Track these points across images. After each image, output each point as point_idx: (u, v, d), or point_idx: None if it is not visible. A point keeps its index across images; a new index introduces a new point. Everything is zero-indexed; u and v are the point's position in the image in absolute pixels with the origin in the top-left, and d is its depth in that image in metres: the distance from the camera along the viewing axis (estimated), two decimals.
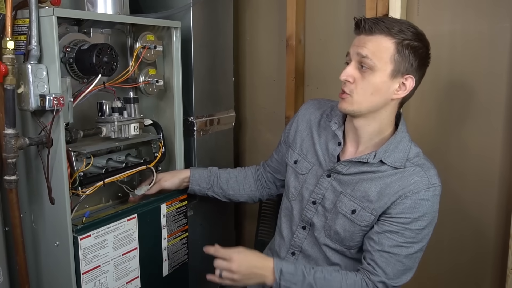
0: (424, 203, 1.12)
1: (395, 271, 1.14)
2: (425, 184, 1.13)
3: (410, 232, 1.12)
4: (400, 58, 1.11)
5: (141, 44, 1.38)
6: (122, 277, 1.33)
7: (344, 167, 1.20)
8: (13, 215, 1.18)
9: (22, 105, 1.13)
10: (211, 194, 1.49)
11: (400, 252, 1.13)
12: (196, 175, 1.46)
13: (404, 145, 1.18)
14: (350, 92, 1.14)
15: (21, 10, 1.14)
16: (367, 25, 1.11)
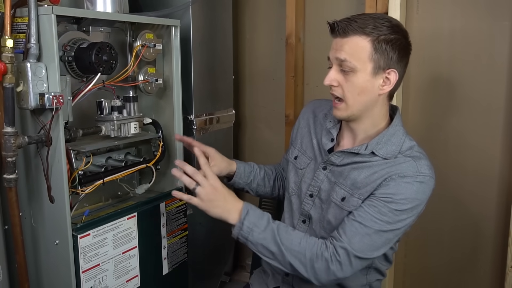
0: (408, 187, 1.11)
1: (361, 244, 1.11)
2: (413, 171, 1.12)
3: (388, 210, 1.10)
4: (378, 55, 1.11)
5: (140, 43, 1.38)
6: (122, 276, 1.33)
7: (338, 158, 1.22)
8: (12, 213, 1.18)
9: (21, 103, 1.13)
10: (247, 189, 1.49)
11: (371, 226, 1.10)
12: (241, 169, 1.45)
13: (398, 139, 1.18)
14: (341, 96, 1.16)
15: (20, 8, 1.14)
16: (340, 28, 1.12)
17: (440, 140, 1.66)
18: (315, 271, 1.10)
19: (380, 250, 1.13)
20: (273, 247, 1.12)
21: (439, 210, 1.70)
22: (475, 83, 1.57)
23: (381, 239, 1.12)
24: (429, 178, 1.13)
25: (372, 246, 1.12)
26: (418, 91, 1.68)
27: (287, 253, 1.11)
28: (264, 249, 1.13)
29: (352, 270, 1.12)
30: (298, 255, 1.11)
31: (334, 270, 1.10)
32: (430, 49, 1.63)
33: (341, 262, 1.10)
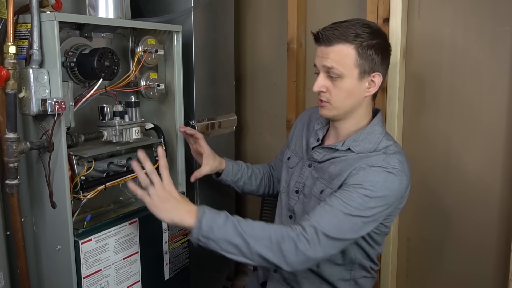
0: (376, 174, 1.13)
1: (329, 224, 1.10)
2: (382, 161, 1.15)
3: (357, 195, 1.11)
4: (363, 60, 1.17)
5: (142, 48, 1.38)
6: (123, 281, 1.33)
7: (319, 154, 1.28)
8: (14, 219, 1.18)
9: (23, 109, 1.13)
10: (233, 186, 1.54)
11: (340, 209, 1.10)
12: (230, 167, 1.51)
13: (375, 137, 1.23)
14: (328, 100, 1.22)
15: (22, 15, 1.15)
16: (324, 37, 1.18)
17: (441, 145, 1.66)
18: (283, 254, 1.08)
19: (347, 234, 1.12)
20: (237, 240, 1.09)
21: (440, 215, 1.69)
22: (477, 89, 1.57)
23: (349, 223, 1.11)
24: (398, 170, 1.14)
25: (340, 229, 1.11)
26: (419, 96, 1.67)
27: (252, 242, 1.08)
28: (228, 244, 1.09)
29: (322, 250, 1.09)
30: (264, 240, 1.09)
31: (303, 249, 1.08)
32: (431, 54, 1.63)
33: (309, 240, 1.08)
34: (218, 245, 1.10)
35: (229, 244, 1.09)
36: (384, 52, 1.20)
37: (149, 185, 1.14)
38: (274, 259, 1.08)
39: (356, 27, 1.17)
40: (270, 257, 1.08)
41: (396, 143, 1.25)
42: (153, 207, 1.13)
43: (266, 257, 1.08)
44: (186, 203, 1.15)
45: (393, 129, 1.66)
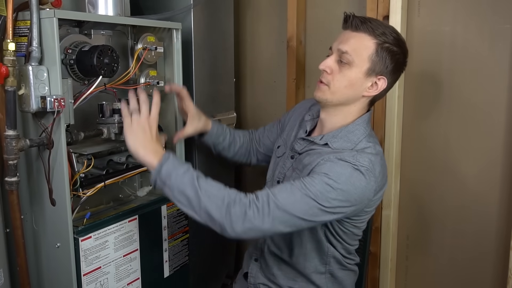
0: (343, 168, 1.12)
1: (285, 197, 1.09)
2: (352, 159, 1.13)
3: (319, 181, 1.10)
4: (378, 59, 1.18)
5: (142, 46, 1.38)
6: (123, 279, 1.33)
7: (300, 146, 1.29)
8: (14, 216, 1.18)
9: (23, 106, 1.13)
10: (211, 147, 1.56)
11: (299, 188, 1.09)
12: (214, 130, 1.53)
13: (355, 137, 1.22)
14: (327, 83, 1.21)
15: (22, 12, 1.15)
16: (354, 22, 1.18)
17: (440, 143, 1.66)
18: (230, 217, 1.07)
19: (299, 213, 1.09)
20: (190, 192, 1.10)
21: (441, 213, 1.69)
22: (476, 86, 1.57)
23: (305, 205, 1.09)
24: (366, 169, 1.13)
25: (293, 204, 1.09)
26: (419, 94, 1.67)
27: (204, 198, 1.09)
28: (180, 194, 1.11)
29: (270, 221, 1.07)
30: (216, 199, 1.09)
31: (251, 216, 1.07)
32: (431, 51, 1.63)
33: (259, 208, 1.08)
34: (172, 192, 1.12)
35: (182, 194, 1.11)
36: (398, 64, 1.20)
37: (136, 110, 1.17)
38: (220, 219, 1.08)
39: (385, 28, 1.18)
40: (217, 216, 1.08)
41: (378, 145, 1.23)
42: (129, 131, 1.16)
43: (213, 216, 1.09)
44: (157, 144, 1.17)
45: (393, 127, 1.66)
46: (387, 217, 1.73)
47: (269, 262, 1.35)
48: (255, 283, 1.38)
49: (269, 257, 1.35)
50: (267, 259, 1.35)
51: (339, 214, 1.14)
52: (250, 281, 1.40)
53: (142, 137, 1.16)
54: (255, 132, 1.61)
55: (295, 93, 1.91)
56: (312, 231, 1.26)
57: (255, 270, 1.39)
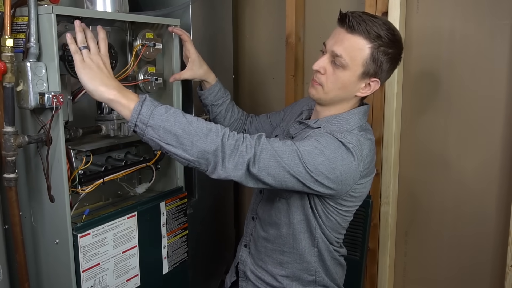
0: (332, 141, 1.13)
1: (274, 144, 1.09)
2: (339, 135, 1.15)
3: (309, 143, 1.12)
4: (372, 63, 1.17)
5: (140, 42, 1.37)
6: (122, 275, 1.33)
7: (294, 130, 1.31)
8: (12, 213, 1.18)
9: (21, 103, 1.12)
10: (209, 108, 1.53)
11: (290, 144, 1.10)
12: (216, 89, 1.50)
13: (348, 125, 1.23)
14: (321, 83, 1.22)
15: (20, 8, 1.14)
16: (350, 22, 1.15)
17: (439, 140, 1.66)
18: (224, 149, 1.04)
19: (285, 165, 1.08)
20: (178, 129, 1.02)
21: (439, 209, 1.70)
22: (475, 83, 1.57)
23: (291, 160, 1.09)
24: (353, 147, 1.14)
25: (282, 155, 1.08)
26: (417, 91, 1.68)
27: (196, 132, 1.03)
28: (167, 133, 1.02)
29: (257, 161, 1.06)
30: (209, 132, 1.04)
31: (243, 150, 1.05)
32: (430, 48, 1.63)
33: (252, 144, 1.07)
34: (157, 133, 1.02)
35: (169, 133, 1.02)
36: (394, 63, 1.20)
37: (86, 46, 1.08)
38: (215, 153, 1.03)
39: (381, 28, 1.15)
40: (211, 149, 1.03)
41: (370, 135, 1.24)
42: (82, 67, 1.06)
43: (207, 150, 1.03)
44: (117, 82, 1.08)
45: (391, 124, 1.67)
46: (385, 213, 1.74)
47: (259, 247, 1.35)
48: (244, 270, 1.39)
49: (258, 242, 1.35)
50: (257, 245, 1.36)
51: (322, 187, 1.13)
52: (240, 267, 1.40)
53: (99, 74, 1.05)
54: (254, 117, 1.61)
55: (294, 89, 1.91)
56: (301, 209, 1.25)
57: (244, 256, 1.40)
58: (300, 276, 1.31)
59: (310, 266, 1.30)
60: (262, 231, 1.34)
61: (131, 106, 1.03)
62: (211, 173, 1.07)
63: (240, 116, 1.58)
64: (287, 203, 1.27)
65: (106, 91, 1.04)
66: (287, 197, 1.26)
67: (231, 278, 1.46)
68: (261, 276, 1.35)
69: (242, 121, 1.58)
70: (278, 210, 1.29)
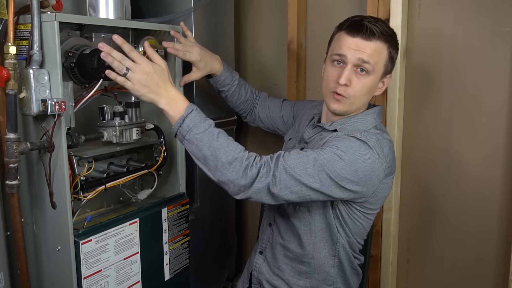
0: (352, 142, 1.15)
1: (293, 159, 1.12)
2: (359, 135, 1.17)
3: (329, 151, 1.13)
4: (389, 62, 1.23)
5: (142, 49, 1.38)
6: (124, 282, 1.33)
7: (308, 134, 1.31)
8: (14, 219, 1.18)
9: (23, 110, 1.13)
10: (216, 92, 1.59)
11: (310, 154, 1.13)
12: (222, 78, 1.53)
13: (363, 125, 1.24)
14: (347, 95, 1.21)
15: (23, 15, 1.15)
16: (368, 31, 1.17)
17: (441, 145, 1.66)
18: (246, 178, 1.09)
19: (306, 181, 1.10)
20: (207, 151, 1.11)
21: (442, 215, 1.69)
22: (477, 89, 1.57)
23: (312, 171, 1.10)
24: (374, 145, 1.16)
25: (302, 170, 1.10)
26: (419, 97, 1.67)
27: (221, 159, 1.10)
28: (198, 150, 1.13)
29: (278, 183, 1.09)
30: (234, 162, 1.10)
31: (263, 175, 1.09)
32: (432, 54, 1.63)
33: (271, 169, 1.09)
34: (190, 146, 1.14)
35: (200, 151, 1.13)
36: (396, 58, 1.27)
37: (126, 70, 1.14)
38: (236, 181, 1.09)
39: (387, 27, 1.22)
40: (233, 178, 1.10)
41: (387, 134, 1.25)
42: (135, 89, 1.14)
43: (229, 178, 1.10)
44: (171, 89, 1.17)
45: (393, 129, 1.66)
46: (388, 220, 1.73)
47: (276, 255, 1.33)
48: (259, 278, 1.36)
49: (276, 249, 1.33)
50: (274, 252, 1.34)
51: (348, 192, 1.14)
52: (254, 274, 1.38)
53: (151, 88, 1.15)
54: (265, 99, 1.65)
55: (296, 95, 1.91)
56: (323, 217, 1.25)
57: (259, 264, 1.37)
58: (319, 287, 1.30)
59: (329, 276, 1.29)
60: (281, 239, 1.32)
61: (176, 118, 1.15)
62: (232, 194, 1.13)
63: (247, 98, 1.61)
64: (308, 211, 1.26)
65: (158, 102, 1.17)
66: (307, 205, 1.25)
67: (244, 285, 1.44)
68: (278, 285, 1.32)
69: (249, 102, 1.62)
70: (298, 219, 1.27)
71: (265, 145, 2.12)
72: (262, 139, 2.14)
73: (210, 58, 1.48)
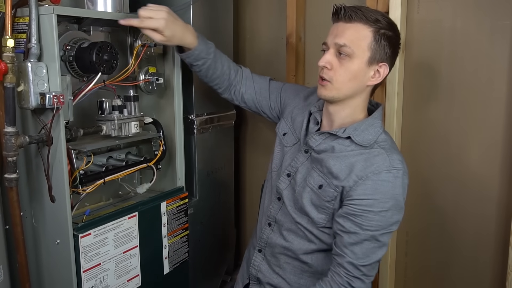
0: (385, 184, 1.13)
1: (363, 250, 1.13)
2: (386, 166, 1.14)
3: (373, 214, 1.13)
4: (377, 46, 1.16)
5: (141, 42, 1.38)
6: (123, 275, 1.34)
7: (315, 141, 1.24)
8: (13, 213, 1.18)
9: (22, 103, 1.13)
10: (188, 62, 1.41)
11: (366, 234, 1.13)
12: (196, 53, 1.36)
13: (375, 130, 1.21)
14: (330, 79, 1.18)
15: (20, 8, 1.14)
16: (346, 13, 1.16)
17: (439, 139, 1.66)
18: None
19: (383, 248, 1.16)
20: None
21: (439, 209, 1.69)
22: (476, 82, 1.57)
23: (380, 241, 1.15)
24: (402, 172, 1.16)
25: (375, 248, 1.15)
26: (418, 91, 1.67)
27: None
28: None
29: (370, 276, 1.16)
30: None
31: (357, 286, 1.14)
32: (431, 48, 1.62)
33: (357, 277, 1.14)
34: None
35: None
36: (395, 48, 1.20)
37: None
38: None
39: (377, 14, 1.17)
40: None
41: (389, 135, 1.25)
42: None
43: None
44: None
45: (392, 123, 1.66)
46: None
47: (276, 254, 1.31)
48: (257, 276, 1.34)
49: (276, 249, 1.31)
50: (274, 251, 1.31)
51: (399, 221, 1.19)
52: (252, 272, 1.35)
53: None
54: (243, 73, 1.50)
55: None
56: None
57: (258, 262, 1.35)
58: None
59: None
60: (283, 240, 1.28)
61: None
62: None
63: (224, 71, 1.44)
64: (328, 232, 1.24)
65: None
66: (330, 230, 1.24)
67: (244, 280, 1.41)
68: (277, 284, 1.31)
69: (226, 77, 1.45)
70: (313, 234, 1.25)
71: (264, 139, 2.12)
72: (261, 133, 2.14)
73: (181, 28, 1.30)
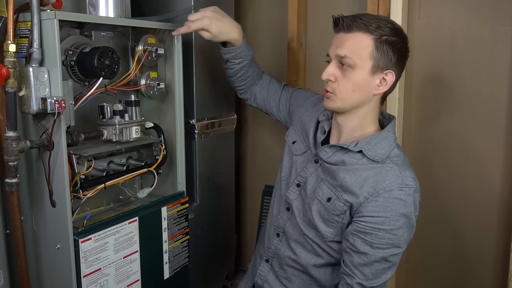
0: (396, 202, 1.10)
1: (373, 271, 1.12)
2: (399, 183, 1.12)
3: (384, 232, 1.10)
4: (379, 54, 1.13)
5: (142, 47, 1.38)
6: (123, 280, 1.33)
7: (326, 154, 1.22)
8: (14, 218, 1.18)
9: (23, 108, 1.13)
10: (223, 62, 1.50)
11: (376, 254, 1.11)
12: (239, 50, 1.45)
13: (388, 143, 1.18)
14: (333, 91, 1.17)
15: (22, 13, 1.15)
16: (345, 23, 1.14)
17: (441, 145, 1.66)
18: None
19: (393, 268, 1.15)
20: None
21: (441, 215, 1.69)
22: (477, 88, 1.57)
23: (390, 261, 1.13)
24: (414, 190, 1.13)
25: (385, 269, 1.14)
26: (419, 96, 1.67)
27: None
28: None
29: None
30: None
31: None
32: (432, 53, 1.63)
33: None
34: None
35: None
36: (401, 53, 1.16)
37: None
38: None
39: (378, 20, 1.13)
40: None
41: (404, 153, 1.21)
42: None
43: None
44: None
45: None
46: None
47: (284, 266, 1.29)
48: (262, 286, 1.33)
49: (284, 260, 1.29)
50: (281, 263, 1.29)
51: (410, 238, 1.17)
52: (257, 281, 1.34)
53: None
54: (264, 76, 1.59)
55: None
56: None
57: (265, 273, 1.33)
58: None
59: None
60: (291, 253, 1.27)
61: None
62: None
63: (251, 76, 1.54)
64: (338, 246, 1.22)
65: None
66: None
67: (246, 286, 1.41)
68: None
69: (251, 81, 1.55)
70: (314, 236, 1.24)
71: (265, 144, 2.12)
72: (262, 138, 2.14)
73: (228, 25, 1.39)
